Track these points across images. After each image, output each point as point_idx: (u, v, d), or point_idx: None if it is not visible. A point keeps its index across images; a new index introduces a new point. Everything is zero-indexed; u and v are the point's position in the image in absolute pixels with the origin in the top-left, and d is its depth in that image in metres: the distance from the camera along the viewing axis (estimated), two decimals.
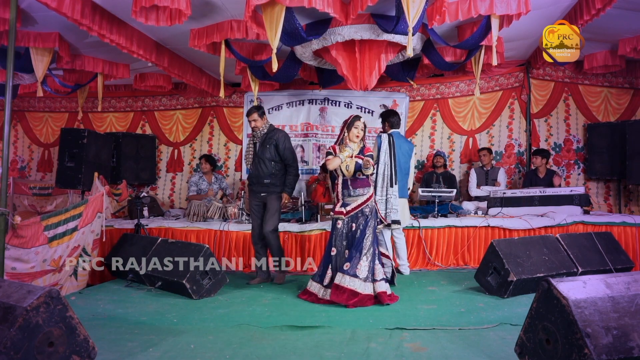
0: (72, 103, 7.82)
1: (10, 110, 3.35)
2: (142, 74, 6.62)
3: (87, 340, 2.14)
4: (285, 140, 4.62)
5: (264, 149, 4.57)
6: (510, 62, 6.57)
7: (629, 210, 6.29)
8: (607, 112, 6.60)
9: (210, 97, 7.53)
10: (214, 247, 5.14)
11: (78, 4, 4.02)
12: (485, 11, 4.20)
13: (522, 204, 5.55)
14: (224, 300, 3.98)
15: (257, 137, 4.66)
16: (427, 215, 5.54)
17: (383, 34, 4.68)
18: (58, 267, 4.00)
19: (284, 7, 3.90)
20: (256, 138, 4.67)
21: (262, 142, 4.60)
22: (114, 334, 3.02)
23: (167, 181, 7.74)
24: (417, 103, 7.23)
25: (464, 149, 7.06)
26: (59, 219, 4.01)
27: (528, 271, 3.86)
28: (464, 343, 2.79)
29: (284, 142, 4.59)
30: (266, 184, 4.56)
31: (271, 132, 4.62)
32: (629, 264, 4.47)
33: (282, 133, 4.69)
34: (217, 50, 5.16)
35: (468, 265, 5.19)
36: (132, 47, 4.91)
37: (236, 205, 5.67)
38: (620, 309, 1.84)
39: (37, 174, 8.02)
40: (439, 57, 5.43)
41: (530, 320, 2.05)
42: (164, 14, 4.18)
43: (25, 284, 2.21)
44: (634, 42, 5.22)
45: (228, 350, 2.70)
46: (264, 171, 4.55)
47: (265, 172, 4.55)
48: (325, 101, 7.37)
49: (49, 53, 5.14)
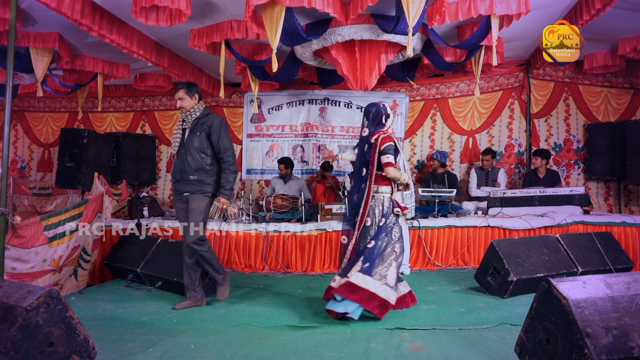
0: (72, 103, 7.82)
1: (10, 110, 3.35)
2: (142, 74, 6.63)
3: (87, 340, 2.14)
4: (222, 128, 3.71)
5: (192, 137, 3.68)
6: (510, 62, 6.58)
7: (629, 210, 6.29)
8: (607, 112, 6.61)
9: (210, 97, 7.53)
10: (214, 247, 5.14)
11: (78, 4, 4.03)
12: (485, 11, 4.20)
13: (522, 204, 5.55)
14: (224, 300, 3.98)
15: (186, 122, 3.76)
16: (427, 215, 5.54)
17: (383, 34, 4.68)
18: (58, 267, 4.00)
19: (284, 7, 3.90)
20: (186, 123, 3.77)
21: (192, 128, 3.71)
22: (114, 334, 3.02)
23: (167, 181, 7.73)
24: (417, 103, 7.23)
25: (464, 149, 7.06)
26: (59, 219, 4.01)
27: (528, 271, 3.86)
28: (464, 343, 2.78)
29: (219, 130, 3.68)
30: (192, 181, 3.65)
31: (205, 117, 3.73)
32: (629, 264, 4.47)
33: (219, 118, 3.77)
34: (217, 50, 5.17)
35: (468, 265, 5.19)
36: (132, 47, 4.91)
37: (236, 205, 5.67)
38: (620, 309, 1.84)
39: (37, 174, 8.02)
40: (439, 57, 5.43)
41: (530, 320, 2.05)
42: (164, 14, 4.18)
43: (25, 284, 2.21)
44: (634, 42, 5.23)
45: (228, 350, 2.70)
46: (190, 165, 3.65)
47: (191, 165, 3.65)
48: (325, 101, 7.37)
49: (49, 53, 5.14)
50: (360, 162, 3.47)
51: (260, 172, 7.54)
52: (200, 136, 3.66)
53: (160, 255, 4.37)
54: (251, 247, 5.19)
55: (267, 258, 5.15)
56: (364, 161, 3.44)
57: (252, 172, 7.56)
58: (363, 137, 3.49)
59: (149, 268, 4.32)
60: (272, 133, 7.51)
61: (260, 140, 7.55)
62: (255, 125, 7.55)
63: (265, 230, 5.15)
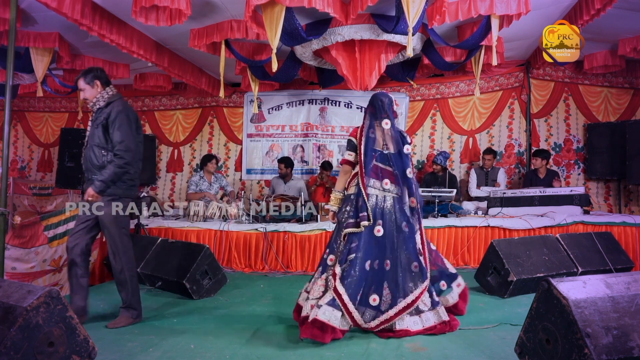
0: (72, 103, 7.82)
1: (10, 110, 3.35)
2: (142, 74, 6.63)
3: (87, 340, 2.14)
4: (119, 116, 3.12)
5: (93, 131, 3.19)
6: (510, 62, 6.57)
7: (629, 210, 6.29)
8: (607, 112, 6.61)
9: (210, 97, 7.54)
10: (214, 247, 5.14)
11: (78, 4, 4.03)
12: (485, 11, 4.20)
13: (522, 204, 5.55)
14: (224, 300, 3.98)
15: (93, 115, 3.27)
16: (427, 215, 5.54)
17: (383, 34, 4.68)
18: (58, 267, 4.00)
19: (284, 7, 3.90)
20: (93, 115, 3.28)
21: (94, 120, 3.21)
22: (114, 334, 3.02)
23: (167, 181, 7.74)
24: (417, 103, 7.23)
25: (464, 149, 7.06)
26: (59, 219, 4.02)
27: (528, 271, 3.86)
28: (464, 343, 2.78)
29: (116, 120, 3.10)
30: (94, 181, 3.13)
31: (106, 107, 3.19)
32: (629, 264, 4.46)
33: (120, 107, 3.17)
34: (217, 50, 5.17)
35: (468, 265, 5.19)
36: (132, 47, 4.91)
37: (236, 206, 5.67)
38: (620, 309, 1.84)
39: (37, 174, 8.02)
40: (439, 57, 5.43)
41: (530, 320, 2.05)
42: (164, 14, 4.18)
43: (25, 284, 2.21)
44: (634, 42, 5.23)
45: (228, 350, 2.70)
46: (93, 162, 3.16)
47: (94, 163, 3.15)
48: (325, 101, 7.37)
49: (49, 53, 5.15)
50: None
51: (260, 172, 7.54)
52: (98, 130, 3.15)
53: (160, 255, 4.37)
54: (251, 247, 5.19)
55: (267, 258, 5.15)
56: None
57: (252, 172, 7.56)
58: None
59: (149, 268, 4.32)
60: (272, 133, 7.51)
61: (260, 140, 7.55)
62: (255, 125, 7.55)
63: (265, 230, 5.15)
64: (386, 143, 3.07)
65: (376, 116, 3.09)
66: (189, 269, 3.96)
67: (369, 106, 3.16)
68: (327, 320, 2.76)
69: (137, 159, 3.28)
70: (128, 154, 3.12)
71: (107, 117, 3.13)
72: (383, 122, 3.07)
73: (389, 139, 3.07)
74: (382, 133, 3.08)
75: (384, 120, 3.07)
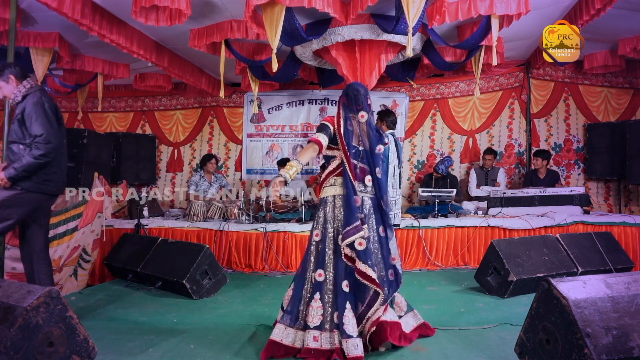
0: (72, 103, 7.81)
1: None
2: (142, 74, 6.63)
3: (87, 340, 2.14)
4: (35, 108, 2.94)
5: (12, 127, 3.06)
6: (510, 62, 6.57)
7: (629, 210, 6.29)
8: (607, 112, 6.61)
9: (210, 97, 7.54)
10: (214, 247, 5.14)
11: (78, 4, 4.03)
12: (485, 11, 4.20)
13: (522, 204, 5.55)
14: (224, 300, 3.98)
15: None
16: (427, 215, 5.54)
17: (383, 34, 4.68)
18: (58, 267, 4.00)
19: (284, 7, 3.90)
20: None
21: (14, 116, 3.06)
22: (114, 334, 3.01)
23: (167, 181, 7.74)
24: (417, 103, 7.23)
25: (464, 149, 7.06)
26: (59, 219, 4.02)
27: (528, 271, 3.86)
28: (464, 343, 2.78)
29: (32, 112, 2.93)
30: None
31: (22, 101, 3.03)
32: (629, 264, 4.47)
33: (35, 99, 2.99)
34: (217, 50, 5.17)
35: (468, 265, 5.19)
36: (132, 47, 4.91)
37: (236, 205, 5.67)
38: (620, 309, 1.84)
39: None
40: (439, 57, 5.43)
41: (530, 320, 2.05)
42: (164, 14, 4.18)
43: (25, 284, 2.21)
44: (634, 42, 5.23)
45: (228, 351, 2.70)
46: (12, 159, 3.01)
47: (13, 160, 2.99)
48: (325, 101, 7.37)
49: (49, 53, 5.14)
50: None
51: (260, 172, 7.54)
52: (14, 125, 3.00)
53: (160, 255, 4.37)
54: (251, 247, 5.19)
55: (267, 258, 5.15)
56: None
57: (252, 172, 7.56)
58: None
59: (149, 268, 4.32)
60: (272, 133, 7.51)
61: (260, 140, 7.55)
62: (255, 125, 7.55)
63: (265, 230, 5.15)
64: (362, 139, 2.82)
65: (351, 108, 2.84)
66: (189, 269, 3.96)
67: (342, 96, 2.89)
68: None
69: (60, 152, 3.10)
70: (48, 146, 2.93)
71: (22, 110, 2.97)
72: (359, 114, 2.83)
73: (364, 135, 2.82)
74: (359, 127, 2.83)
75: (360, 113, 2.83)
